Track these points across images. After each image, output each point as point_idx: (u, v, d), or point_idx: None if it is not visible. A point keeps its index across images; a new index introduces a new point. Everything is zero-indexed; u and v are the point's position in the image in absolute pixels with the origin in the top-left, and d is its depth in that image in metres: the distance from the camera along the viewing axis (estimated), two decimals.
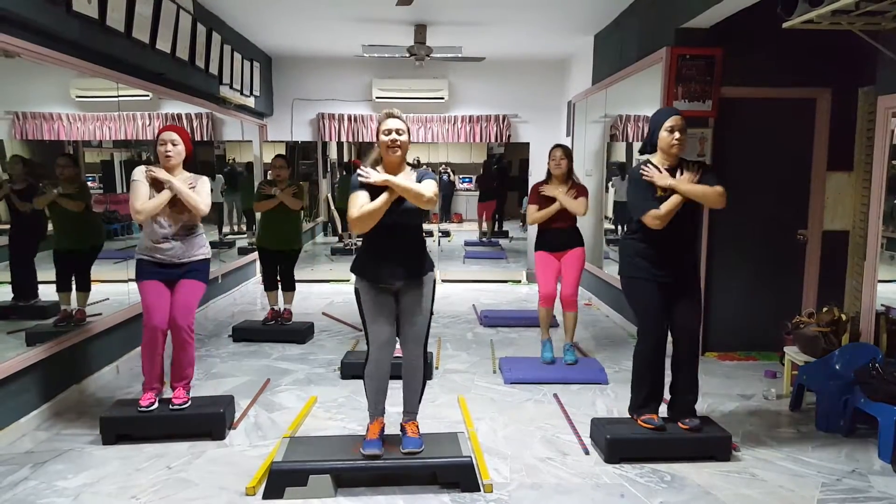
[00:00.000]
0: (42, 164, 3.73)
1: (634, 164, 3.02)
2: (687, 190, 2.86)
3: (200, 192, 3.14)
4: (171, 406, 3.11)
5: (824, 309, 3.66)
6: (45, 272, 3.65)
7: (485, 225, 8.35)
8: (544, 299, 4.16)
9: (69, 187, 3.69)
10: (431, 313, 2.82)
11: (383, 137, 2.65)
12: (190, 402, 3.16)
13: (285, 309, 5.10)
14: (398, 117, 2.68)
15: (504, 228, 8.53)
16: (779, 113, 4.35)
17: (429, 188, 2.64)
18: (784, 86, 4.29)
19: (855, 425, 3.14)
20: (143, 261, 3.12)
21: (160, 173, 3.07)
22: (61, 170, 3.69)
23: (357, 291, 2.78)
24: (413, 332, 2.77)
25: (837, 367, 3.31)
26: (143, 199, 3.01)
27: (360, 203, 2.60)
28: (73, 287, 3.78)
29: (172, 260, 3.11)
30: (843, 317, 3.56)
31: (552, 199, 4.02)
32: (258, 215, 5.04)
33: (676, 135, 2.87)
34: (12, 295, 3.43)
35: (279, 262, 4.97)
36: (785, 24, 3.29)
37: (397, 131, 2.63)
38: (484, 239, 8.32)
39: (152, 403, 3.08)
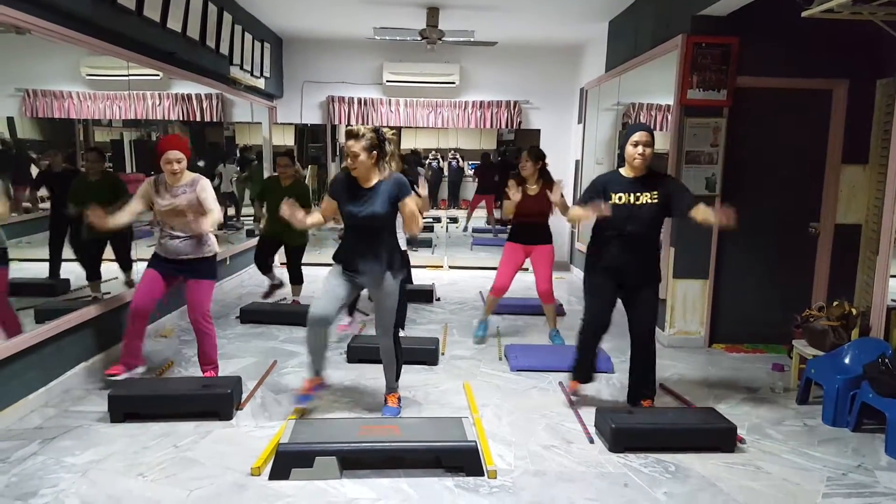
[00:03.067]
0: (53, 139, 3.76)
1: (601, 173, 3.33)
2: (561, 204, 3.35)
3: (208, 201, 3.30)
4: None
5: (834, 303, 3.63)
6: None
7: (478, 213, 8.33)
8: (496, 290, 4.44)
9: (96, 180, 3.83)
10: (404, 309, 3.09)
11: (346, 159, 2.92)
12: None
13: (294, 300, 5.23)
14: (356, 136, 2.86)
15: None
16: (794, 103, 4.28)
17: (413, 212, 2.96)
18: (800, 76, 4.22)
19: (862, 420, 3.12)
20: (154, 254, 3.43)
21: (199, 223, 3.22)
22: (91, 164, 3.85)
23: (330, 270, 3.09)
24: (380, 322, 3.11)
25: (846, 362, 3.29)
26: (122, 213, 3.26)
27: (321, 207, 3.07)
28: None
29: (178, 256, 3.34)
30: (854, 311, 3.54)
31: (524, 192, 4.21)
32: (265, 207, 5.10)
33: (640, 149, 3.04)
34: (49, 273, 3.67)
35: (286, 256, 5.07)
36: (804, 13, 3.23)
37: (353, 155, 2.87)
38: (488, 226, 8.27)
39: (116, 374, 3.32)
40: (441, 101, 7.44)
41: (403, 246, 4.07)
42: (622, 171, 3.18)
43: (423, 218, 3.19)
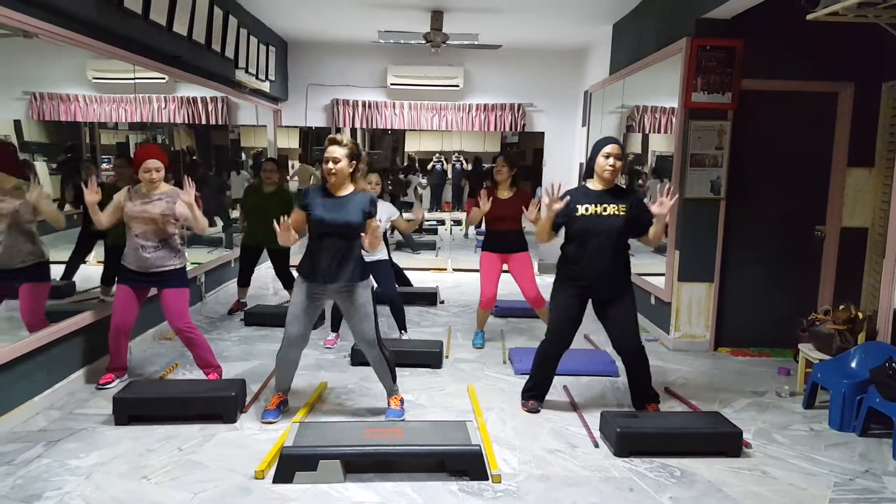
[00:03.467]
0: (60, 142, 3.78)
1: (573, 187, 3.31)
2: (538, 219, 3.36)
3: (188, 214, 3.37)
4: None
5: (841, 306, 3.61)
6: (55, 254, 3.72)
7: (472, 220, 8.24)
8: (485, 303, 4.39)
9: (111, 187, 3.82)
10: (376, 316, 3.08)
11: (325, 165, 2.96)
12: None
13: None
14: (339, 143, 2.93)
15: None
16: (799, 106, 4.27)
17: (378, 232, 3.00)
18: (805, 79, 4.21)
19: (869, 425, 3.10)
20: (122, 266, 3.45)
21: (186, 198, 3.30)
22: (118, 170, 3.93)
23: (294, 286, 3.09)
24: (362, 335, 3.07)
25: (853, 366, 3.28)
26: (99, 216, 3.32)
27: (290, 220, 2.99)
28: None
29: (149, 270, 3.39)
30: (860, 315, 3.52)
31: (485, 194, 4.20)
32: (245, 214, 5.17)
33: (611, 160, 3.05)
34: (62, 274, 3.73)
35: (272, 262, 5.11)
36: (809, 16, 3.22)
37: (334, 160, 2.92)
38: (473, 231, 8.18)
39: (109, 382, 3.46)
40: (445, 103, 7.45)
41: (384, 255, 4.24)
42: (589, 183, 3.19)
43: (426, 221, 3.21)
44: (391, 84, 7.29)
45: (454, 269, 7.35)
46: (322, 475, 2.55)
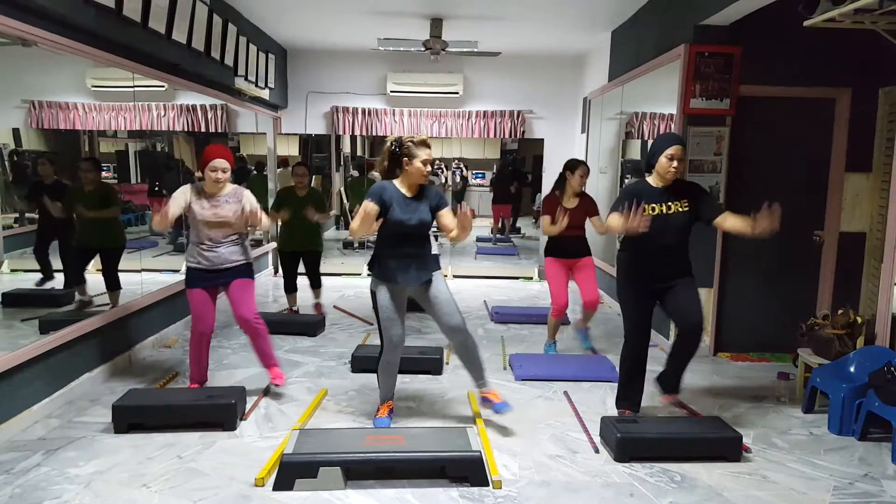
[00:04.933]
0: (60, 150, 3.79)
1: (629, 182, 3.20)
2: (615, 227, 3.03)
3: (257, 209, 3.38)
4: (275, 386, 3.55)
5: (839, 311, 3.62)
6: (58, 262, 3.72)
7: (482, 223, 8.34)
8: (557, 311, 4.30)
9: (91, 189, 3.80)
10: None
11: (419, 166, 2.92)
12: (286, 379, 3.58)
13: (316, 303, 5.33)
14: (430, 147, 2.97)
15: (517, 225, 8.50)
16: (797, 112, 4.29)
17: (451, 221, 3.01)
18: (803, 85, 4.23)
19: (869, 429, 3.10)
20: (190, 268, 3.38)
21: (256, 217, 3.36)
22: (85, 174, 3.81)
23: (372, 292, 3.06)
24: (454, 318, 3.04)
25: (852, 370, 3.28)
26: (164, 213, 3.18)
27: (363, 213, 2.93)
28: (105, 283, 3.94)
29: (224, 265, 3.35)
30: (859, 319, 3.52)
31: (561, 209, 4.09)
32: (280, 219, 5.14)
33: (675, 163, 3.00)
34: (41, 276, 3.62)
35: (304, 263, 5.15)
36: (806, 23, 3.24)
37: (433, 162, 2.96)
38: (499, 236, 8.30)
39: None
40: (445, 111, 7.47)
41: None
42: (650, 180, 3.11)
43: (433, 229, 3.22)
44: (391, 91, 7.31)
45: (454, 276, 7.36)
46: (322, 482, 2.54)
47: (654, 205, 3.02)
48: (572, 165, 4.20)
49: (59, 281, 3.67)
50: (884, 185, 3.98)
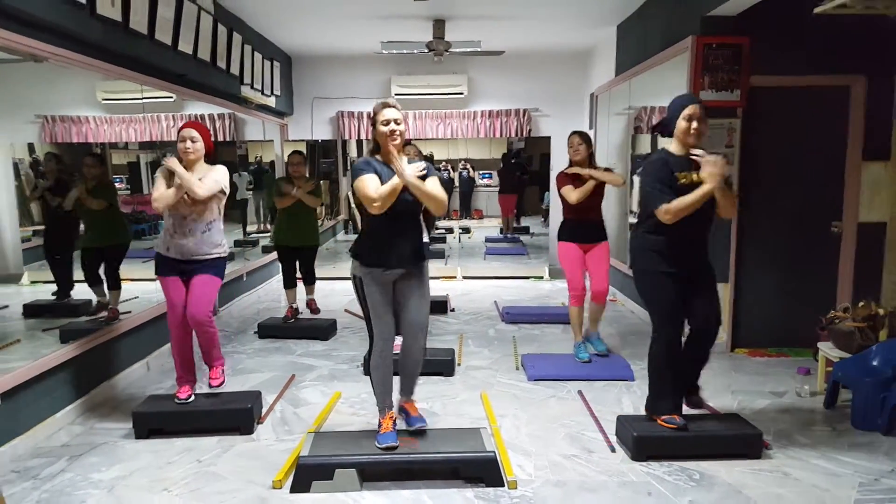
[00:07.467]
0: (73, 164, 3.83)
1: (651, 153, 2.95)
2: (710, 191, 2.64)
3: (204, 179, 3.11)
4: (210, 387, 3.29)
5: (860, 303, 3.55)
6: (79, 270, 3.76)
7: (491, 223, 8.31)
8: (576, 298, 4.05)
9: (93, 185, 3.77)
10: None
11: (382, 128, 2.67)
12: (224, 382, 3.32)
13: (310, 300, 5.28)
14: (394, 106, 2.71)
15: (524, 224, 8.47)
16: (811, 101, 4.22)
17: (438, 189, 2.69)
18: (815, 73, 4.16)
19: (894, 423, 3.04)
20: (159, 255, 3.20)
21: (170, 161, 3.09)
22: (87, 169, 3.79)
23: (359, 280, 2.77)
24: (419, 320, 2.80)
25: (875, 364, 3.21)
26: (159, 191, 3.06)
27: (374, 185, 2.62)
28: (105, 283, 3.89)
29: (191, 257, 3.15)
30: (881, 311, 3.46)
31: (583, 180, 3.93)
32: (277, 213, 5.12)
33: (694, 124, 2.74)
34: (56, 288, 3.62)
35: (298, 259, 5.08)
36: (816, 10, 3.19)
37: (395, 121, 2.66)
38: (507, 233, 8.27)
39: (190, 396, 3.19)
40: (450, 111, 7.47)
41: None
42: (671, 148, 2.82)
43: (436, 228, 3.08)
44: (395, 94, 7.32)
45: (464, 277, 7.34)
46: (338, 484, 2.55)
47: (685, 172, 2.73)
48: (567, 139, 4.11)
49: (77, 289, 3.72)
50: None
